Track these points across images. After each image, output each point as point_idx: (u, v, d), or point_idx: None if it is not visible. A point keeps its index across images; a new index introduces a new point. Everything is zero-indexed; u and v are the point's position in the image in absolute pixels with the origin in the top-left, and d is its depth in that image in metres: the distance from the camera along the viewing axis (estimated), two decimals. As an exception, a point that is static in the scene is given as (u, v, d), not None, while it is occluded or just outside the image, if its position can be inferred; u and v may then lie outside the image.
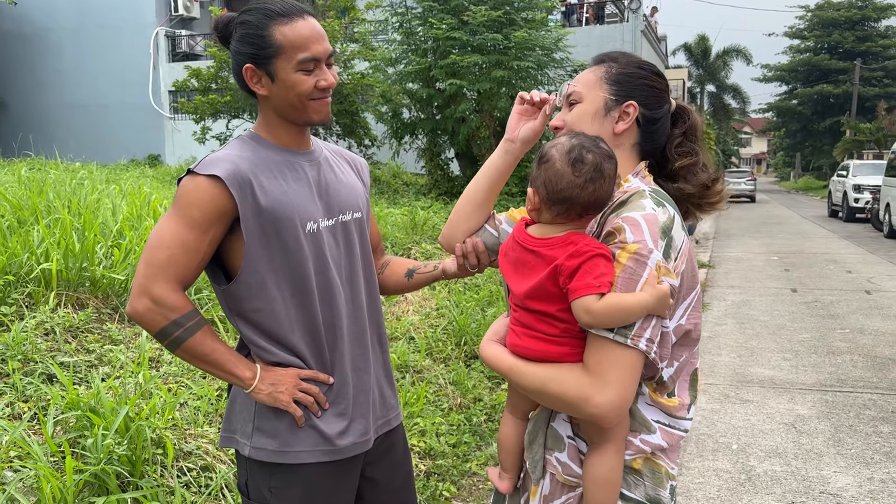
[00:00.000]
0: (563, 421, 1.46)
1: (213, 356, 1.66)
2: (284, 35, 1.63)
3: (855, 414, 4.93)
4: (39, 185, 5.96)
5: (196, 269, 1.65)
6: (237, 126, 13.68)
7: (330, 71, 1.71)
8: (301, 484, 1.72)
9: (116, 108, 19.55)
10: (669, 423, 1.43)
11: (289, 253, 1.66)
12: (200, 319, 1.66)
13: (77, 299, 3.86)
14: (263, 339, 1.70)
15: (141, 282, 1.61)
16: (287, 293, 1.68)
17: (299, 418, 1.69)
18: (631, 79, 1.49)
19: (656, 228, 1.33)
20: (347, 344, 1.77)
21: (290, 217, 1.66)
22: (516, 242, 1.42)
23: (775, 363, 6.22)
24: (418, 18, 12.10)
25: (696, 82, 40.42)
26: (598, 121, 1.48)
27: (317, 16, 1.72)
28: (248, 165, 1.65)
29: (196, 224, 1.61)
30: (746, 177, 33.56)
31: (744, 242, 15.76)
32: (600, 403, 1.28)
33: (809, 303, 8.82)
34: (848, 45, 45.44)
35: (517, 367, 1.40)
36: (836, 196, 22.31)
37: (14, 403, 2.89)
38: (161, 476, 2.69)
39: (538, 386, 1.36)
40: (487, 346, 1.48)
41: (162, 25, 19.20)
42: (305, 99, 1.67)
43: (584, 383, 1.30)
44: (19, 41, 20.15)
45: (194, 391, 3.30)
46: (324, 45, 1.68)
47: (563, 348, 1.35)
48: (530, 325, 1.38)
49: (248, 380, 1.67)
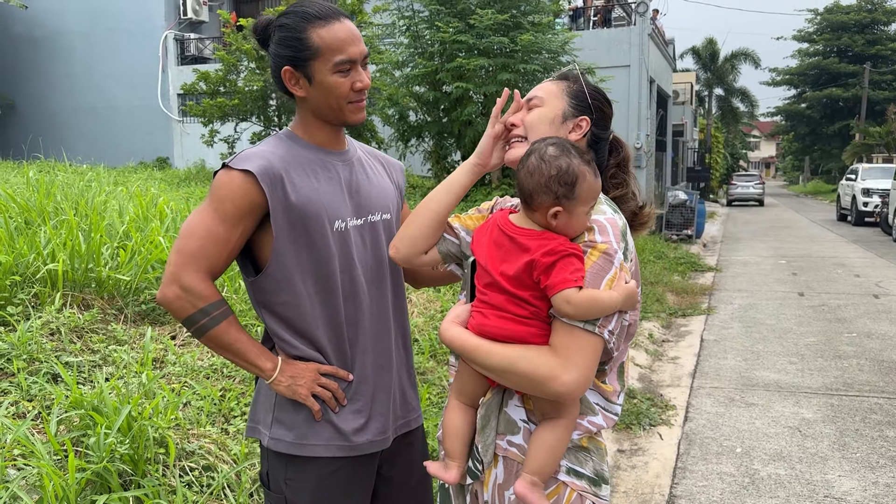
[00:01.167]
0: (515, 406, 1.55)
1: (236, 346, 1.71)
2: (321, 38, 1.67)
3: (861, 418, 4.91)
4: (47, 187, 6.00)
5: (225, 260, 1.70)
6: (245, 129, 13.72)
7: (365, 72, 1.74)
8: (314, 477, 1.75)
9: (125, 111, 19.64)
10: (606, 407, 1.55)
11: (316, 250, 1.70)
12: (227, 309, 1.71)
13: (83, 300, 3.89)
14: (287, 332, 1.74)
15: (172, 270, 1.67)
16: (312, 289, 1.71)
17: (316, 412, 1.73)
18: (588, 98, 1.63)
19: (618, 231, 1.47)
20: (370, 342, 1.79)
21: (319, 214, 1.70)
22: (497, 226, 1.52)
23: (781, 367, 6.20)
24: (425, 22, 12.12)
25: (704, 86, 40.26)
26: (554, 126, 1.61)
27: (353, 18, 1.75)
28: (280, 162, 1.69)
29: (227, 217, 1.66)
30: (755, 180, 33.45)
31: (751, 246, 15.70)
32: (567, 382, 1.38)
33: (816, 306, 8.78)
34: (857, 48, 45.25)
35: (483, 346, 1.47)
36: (844, 200, 22.21)
37: (19, 402, 2.91)
38: (163, 475, 2.71)
39: (505, 364, 1.43)
40: (449, 328, 1.54)
41: (171, 29, 19.28)
42: (342, 101, 1.71)
43: (553, 363, 1.40)
44: (30, 45, 20.27)
45: (197, 391, 3.32)
46: (359, 47, 1.71)
47: (531, 328, 1.44)
48: (501, 306, 1.46)
49: (269, 371, 1.71)
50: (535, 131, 1.61)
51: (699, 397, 5.43)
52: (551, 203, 1.43)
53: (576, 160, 1.44)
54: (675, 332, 7.63)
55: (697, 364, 6.36)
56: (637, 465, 4.20)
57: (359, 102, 1.74)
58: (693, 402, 5.33)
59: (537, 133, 1.60)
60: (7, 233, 4.15)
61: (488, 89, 11.32)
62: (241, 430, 3.15)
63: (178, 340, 3.89)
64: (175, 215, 5.51)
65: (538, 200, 1.45)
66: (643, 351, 6.63)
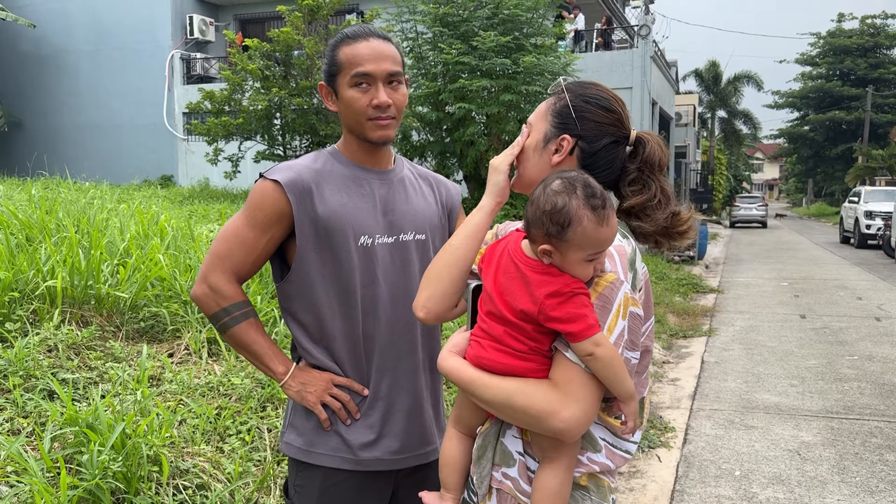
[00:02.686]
0: (513, 437, 1.46)
1: (254, 347, 1.79)
2: (345, 54, 1.73)
3: (861, 441, 4.88)
4: (50, 204, 6.04)
5: (252, 265, 1.79)
6: (249, 148, 13.80)
7: (391, 90, 1.75)
8: (318, 486, 1.77)
9: (130, 129, 19.76)
10: (613, 443, 1.44)
11: (338, 262, 1.74)
12: (249, 311, 1.79)
13: (81, 316, 3.90)
14: (307, 340, 1.79)
15: (203, 269, 1.79)
16: (334, 300, 1.75)
17: (324, 420, 1.76)
18: (573, 112, 1.47)
19: (625, 261, 1.38)
20: (390, 360, 1.80)
21: (344, 228, 1.73)
22: (507, 252, 1.42)
23: (782, 389, 6.17)
24: (428, 43, 12.22)
25: (707, 108, 40.38)
26: (537, 153, 1.50)
27: (387, 38, 1.77)
28: (312, 175, 1.75)
29: (257, 223, 1.74)
30: (758, 202, 33.48)
31: (754, 268, 15.68)
32: (566, 419, 1.30)
33: (818, 329, 8.75)
34: (860, 71, 45.47)
35: (481, 380, 1.39)
36: (847, 222, 22.20)
37: (14, 419, 2.91)
38: (156, 493, 2.70)
39: (502, 398, 1.36)
40: (447, 359, 1.47)
41: (177, 48, 19.45)
42: (361, 116, 1.75)
43: (552, 398, 1.31)
44: (37, 63, 20.45)
45: (193, 409, 3.31)
46: (380, 64, 1.73)
47: (529, 364, 1.36)
48: (500, 338, 1.38)
49: (280, 375, 1.78)
50: (524, 163, 1.52)
51: (699, 419, 5.40)
52: (542, 239, 1.34)
53: (576, 202, 1.31)
54: (676, 354, 7.61)
55: (697, 386, 6.33)
56: (635, 487, 4.17)
57: (379, 120, 1.75)
58: (692, 424, 5.30)
59: (526, 164, 1.52)
60: (8, 249, 4.18)
61: (490, 110, 11.38)
62: (236, 448, 3.15)
63: (175, 358, 3.89)
64: (176, 233, 5.53)
65: (533, 233, 1.36)
66: (643, 372, 6.60)
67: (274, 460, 3.14)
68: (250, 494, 2.92)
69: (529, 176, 1.51)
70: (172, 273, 4.45)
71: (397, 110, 1.77)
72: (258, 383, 3.69)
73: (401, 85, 1.78)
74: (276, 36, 12.32)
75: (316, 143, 12.86)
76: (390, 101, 1.74)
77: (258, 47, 12.62)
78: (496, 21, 11.72)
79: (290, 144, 13.45)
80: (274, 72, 12.81)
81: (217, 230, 6.47)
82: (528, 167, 1.52)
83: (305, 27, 12.74)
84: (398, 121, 1.79)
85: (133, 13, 19.56)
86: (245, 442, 3.21)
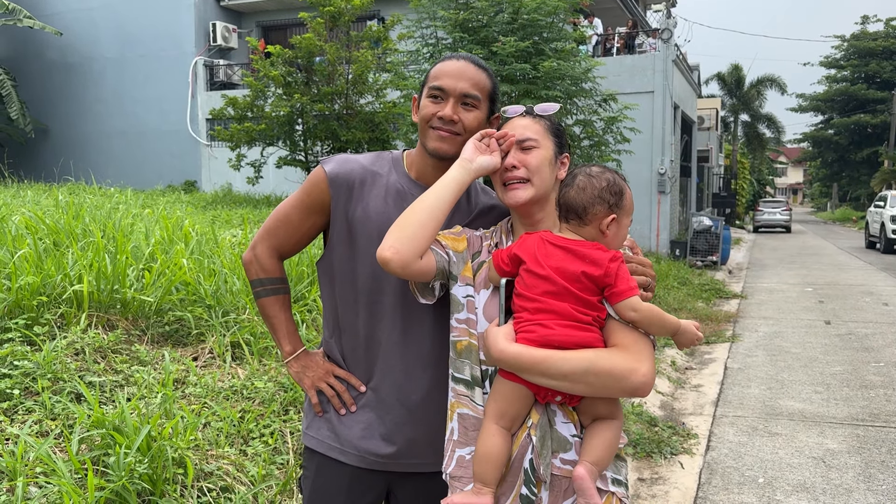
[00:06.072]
0: (563, 423, 1.60)
1: (273, 321, 1.93)
2: (434, 69, 1.80)
3: (887, 449, 4.81)
4: (76, 209, 6.13)
5: (294, 245, 1.91)
6: (272, 153, 13.90)
7: (462, 108, 1.75)
8: (313, 470, 1.87)
9: (155, 136, 19.98)
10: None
11: (357, 263, 1.81)
12: (280, 287, 1.93)
13: (107, 320, 3.95)
14: (325, 327, 1.91)
15: (255, 238, 1.93)
16: (349, 296, 1.83)
17: (315, 405, 1.87)
18: (562, 135, 1.74)
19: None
20: (396, 362, 1.81)
21: (370, 235, 1.78)
22: (544, 242, 1.59)
23: (806, 396, 6.10)
24: (448, 49, 12.26)
25: (730, 111, 40.00)
26: (551, 167, 1.70)
27: (481, 66, 1.78)
28: (361, 174, 1.83)
29: (303, 206, 1.86)
30: (782, 207, 33.14)
31: (778, 273, 15.51)
32: (646, 373, 1.50)
33: (843, 335, 8.64)
34: (886, 74, 44.82)
35: (557, 354, 1.50)
36: (873, 227, 21.89)
37: (42, 421, 2.96)
38: (181, 496, 2.73)
39: (585, 366, 1.49)
40: (508, 346, 1.54)
41: (201, 55, 19.65)
42: (425, 123, 1.78)
43: (629, 358, 1.50)
44: (64, 70, 20.76)
45: (217, 412, 3.35)
46: (458, 82, 1.75)
47: (594, 334, 1.53)
48: (565, 313, 1.52)
49: (286, 353, 1.92)
50: (540, 175, 1.67)
51: (722, 426, 5.35)
52: (606, 212, 1.56)
53: (618, 176, 1.60)
54: (699, 360, 7.54)
55: (721, 392, 6.27)
56: (657, 494, 4.14)
57: (440, 131, 1.75)
58: (715, 430, 5.26)
59: (542, 177, 1.67)
60: (36, 254, 4.25)
61: (511, 115, 11.40)
62: (259, 451, 3.18)
63: (199, 362, 3.93)
64: (200, 238, 5.59)
65: (592, 212, 1.56)
66: (666, 378, 6.57)
67: (297, 463, 3.17)
68: (273, 497, 2.94)
69: (546, 188, 1.69)
70: (196, 278, 4.50)
71: (464, 129, 1.75)
72: (281, 387, 3.72)
73: (476, 109, 1.77)
74: (297, 42, 12.42)
75: (337, 149, 12.92)
76: (455, 116, 1.75)
77: (280, 54, 12.72)
78: (516, 26, 11.73)
79: (311, 150, 13.54)
80: (296, 78, 12.90)
81: (240, 235, 6.54)
82: (545, 178, 1.68)
83: (327, 34, 12.82)
84: (463, 141, 1.74)
85: (158, 21, 19.80)
86: (268, 445, 3.24)
